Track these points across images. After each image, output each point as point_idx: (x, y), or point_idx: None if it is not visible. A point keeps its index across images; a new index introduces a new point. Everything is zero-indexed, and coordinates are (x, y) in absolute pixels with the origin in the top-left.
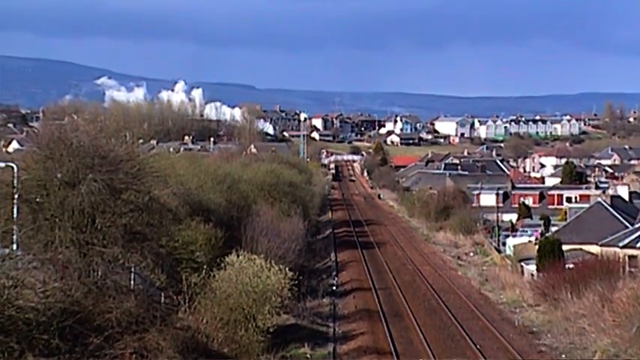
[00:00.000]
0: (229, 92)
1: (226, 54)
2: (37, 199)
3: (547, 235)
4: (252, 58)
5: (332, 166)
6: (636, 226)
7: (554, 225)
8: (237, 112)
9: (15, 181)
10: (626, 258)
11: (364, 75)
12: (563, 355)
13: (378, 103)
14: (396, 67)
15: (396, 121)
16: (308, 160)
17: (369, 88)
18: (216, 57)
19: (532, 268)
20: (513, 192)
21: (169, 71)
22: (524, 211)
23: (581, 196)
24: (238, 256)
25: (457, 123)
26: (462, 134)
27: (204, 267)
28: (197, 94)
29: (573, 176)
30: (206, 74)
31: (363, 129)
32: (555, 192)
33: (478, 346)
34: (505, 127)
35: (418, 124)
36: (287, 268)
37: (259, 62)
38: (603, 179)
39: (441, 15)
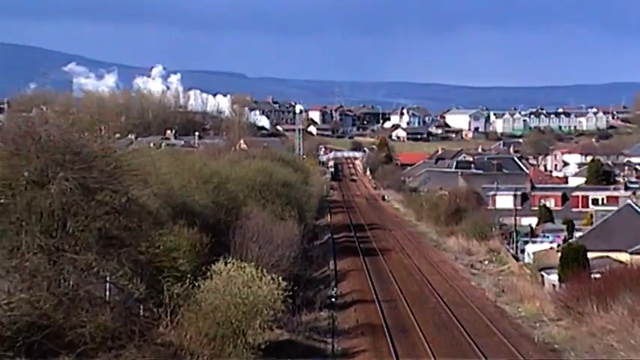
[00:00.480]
0: (216, 81)
1: (213, 39)
2: (2, 201)
3: (570, 241)
4: (242, 43)
5: (331, 163)
6: None
7: (578, 230)
8: (222, 101)
9: None
10: None
11: (366, 63)
12: None
13: (382, 94)
14: (402, 54)
15: (402, 114)
16: (304, 157)
17: (372, 77)
18: (201, 42)
19: (554, 278)
20: (533, 193)
21: (149, 57)
22: (545, 215)
23: (608, 197)
24: (226, 264)
25: (470, 116)
26: (476, 128)
27: (189, 276)
28: (175, 79)
29: (600, 175)
30: (190, 61)
31: (365, 122)
32: (580, 193)
33: None
34: (524, 120)
35: (427, 118)
36: (280, 278)
37: (250, 48)
38: (633, 179)
39: None
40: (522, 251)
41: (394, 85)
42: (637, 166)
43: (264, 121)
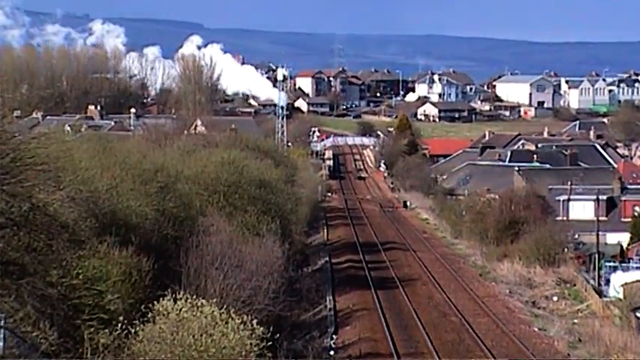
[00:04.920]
0: (164, 33)
1: None
2: None
3: None
4: None
5: (329, 154)
6: None
7: None
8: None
9: None
10: None
11: (376, 9)
12: None
13: (399, 53)
14: None
15: (432, 82)
16: (290, 144)
17: (384, 28)
18: None
19: None
20: (624, 197)
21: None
22: None
23: None
24: (176, 300)
25: (532, 85)
26: (540, 103)
27: (121, 319)
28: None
29: None
30: (127, 7)
31: (378, 95)
32: None
33: None
34: (610, 91)
35: (468, 87)
36: (255, 321)
37: None
38: None
39: None
40: (608, 282)
41: (419, 40)
42: None
43: (267, 91)
